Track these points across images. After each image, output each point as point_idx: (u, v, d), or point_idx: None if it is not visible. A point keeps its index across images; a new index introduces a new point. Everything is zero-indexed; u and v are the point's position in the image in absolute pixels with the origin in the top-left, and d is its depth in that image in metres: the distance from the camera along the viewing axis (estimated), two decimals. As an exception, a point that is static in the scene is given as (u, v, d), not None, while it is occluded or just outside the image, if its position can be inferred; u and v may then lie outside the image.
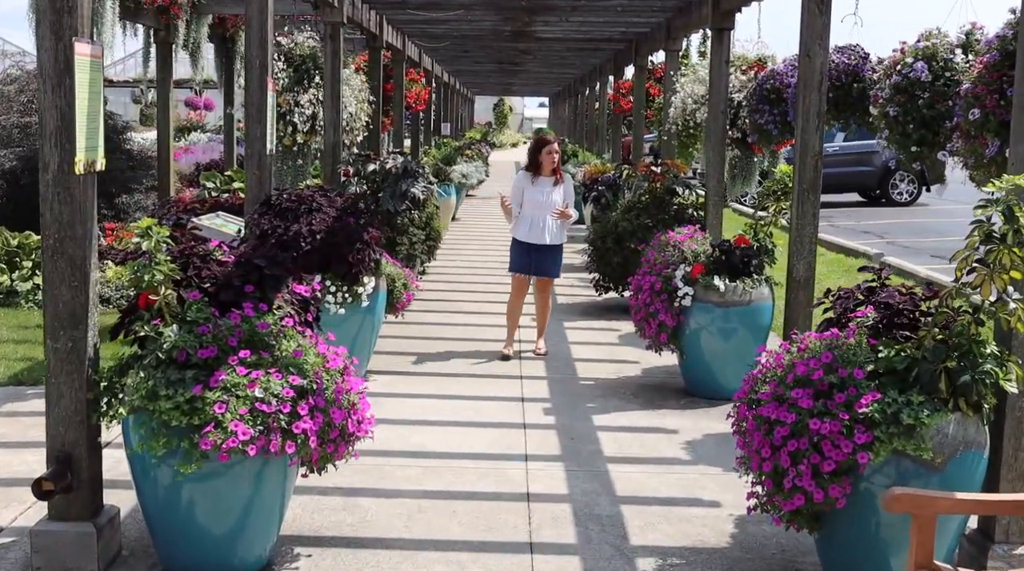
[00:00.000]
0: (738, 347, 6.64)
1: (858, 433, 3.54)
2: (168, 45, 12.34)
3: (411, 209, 9.35)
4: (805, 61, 6.66)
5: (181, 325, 3.74)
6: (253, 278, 3.94)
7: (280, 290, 3.99)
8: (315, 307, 4.22)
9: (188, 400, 3.56)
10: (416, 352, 7.90)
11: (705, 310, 6.59)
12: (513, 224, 7.96)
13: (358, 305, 6.58)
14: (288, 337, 3.91)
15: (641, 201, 9.67)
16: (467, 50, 19.12)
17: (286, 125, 9.82)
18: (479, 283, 11.36)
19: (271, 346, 3.81)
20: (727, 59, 9.14)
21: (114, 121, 13.79)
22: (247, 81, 6.61)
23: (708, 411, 6.47)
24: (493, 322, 9.11)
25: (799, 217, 6.76)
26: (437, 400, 6.58)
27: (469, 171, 18.80)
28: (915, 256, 13.62)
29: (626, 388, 6.99)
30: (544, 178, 7.91)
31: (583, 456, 5.53)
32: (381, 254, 6.91)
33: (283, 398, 3.63)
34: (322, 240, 6.40)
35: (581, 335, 8.70)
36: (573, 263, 12.94)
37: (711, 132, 9.11)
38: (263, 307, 3.90)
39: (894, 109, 5.55)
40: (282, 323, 3.91)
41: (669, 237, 6.97)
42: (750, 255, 6.69)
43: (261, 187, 6.70)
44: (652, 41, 13.60)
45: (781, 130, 8.17)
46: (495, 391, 6.85)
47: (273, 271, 3.96)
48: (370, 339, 6.86)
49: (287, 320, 3.93)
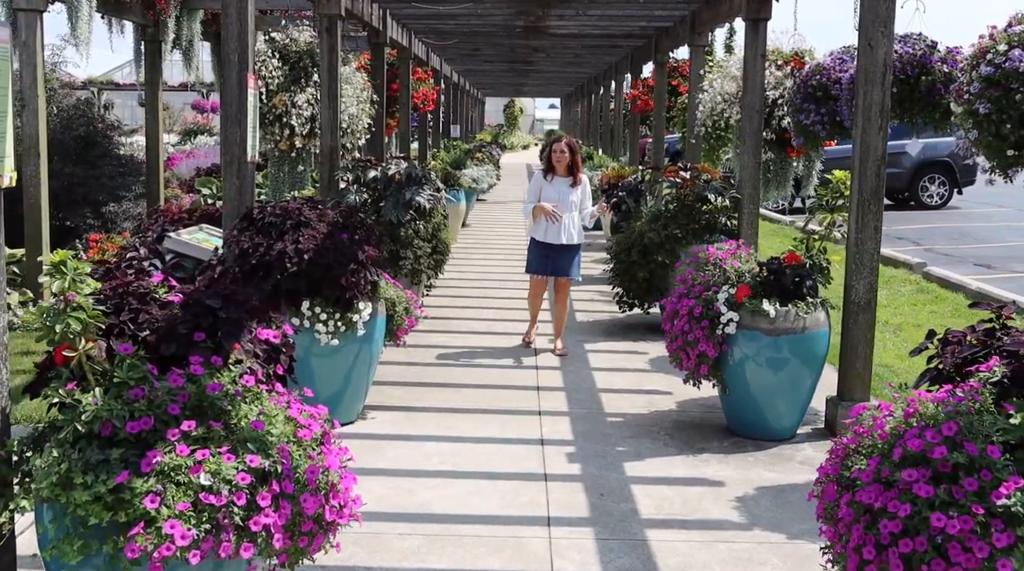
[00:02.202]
0: (789, 380, 5.77)
1: (996, 532, 2.66)
2: (157, 43, 11.54)
3: (416, 219, 8.49)
4: (866, 51, 5.79)
5: (108, 388, 2.89)
6: (205, 323, 3.09)
7: (239, 338, 3.13)
8: (287, 356, 3.36)
9: (112, 490, 2.71)
10: (421, 381, 7.05)
11: (752, 338, 5.71)
12: (531, 225, 8.04)
13: (353, 334, 5.74)
14: (250, 400, 3.05)
15: (668, 209, 8.80)
16: (477, 48, 18.27)
17: (282, 127, 8.99)
18: (491, 297, 10.49)
19: (225, 414, 2.95)
20: (763, 53, 8.27)
21: (103, 124, 12.97)
22: (224, 78, 5.78)
23: (756, 456, 5.59)
24: (507, 344, 8.24)
25: (859, 230, 5.89)
26: (445, 443, 5.72)
27: (480, 175, 17.95)
28: (958, 265, 12.70)
29: (660, 426, 6.12)
30: (560, 178, 8.02)
31: (616, 518, 4.66)
32: (380, 275, 6.05)
33: (237, 486, 2.77)
34: (310, 261, 5.55)
35: (605, 359, 7.82)
36: (592, 274, 12.06)
37: (746, 133, 8.25)
38: (216, 361, 3.05)
39: (985, 106, 4.66)
40: (241, 382, 3.05)
41: (709, 253, 6.09)
42: (803, 275, 5.80)
43: (241, 199, 5.87)
44: (674, 36, 12.72)
45: (830, 131, 7.29)
46: (511, 430, 5.98)
47: (230, 313, 3.11)
48: (367, 372, 6.01)
49: (247, 378, 3.07)
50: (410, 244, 8.40)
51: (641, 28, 13.87)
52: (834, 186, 6.05)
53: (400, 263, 8.30)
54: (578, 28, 14.42)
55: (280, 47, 9.26)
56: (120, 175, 12.62)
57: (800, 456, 5.61)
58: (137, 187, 12.62)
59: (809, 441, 5.88)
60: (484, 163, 20.16)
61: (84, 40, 9.81)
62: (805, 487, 5.08)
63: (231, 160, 5.84)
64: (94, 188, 12.13)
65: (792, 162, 8.66)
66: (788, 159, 8.59)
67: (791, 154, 8.52)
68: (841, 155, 16.15)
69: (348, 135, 9.70)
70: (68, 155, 12.31)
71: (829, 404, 6.12)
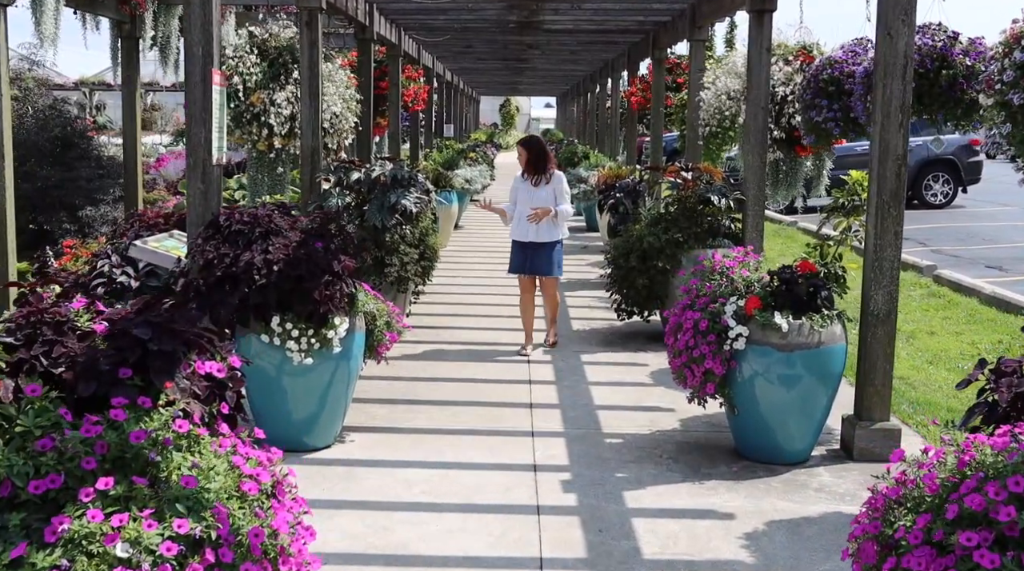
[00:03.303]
0: (803, 400, 5.31)
1: (1077, 611, 2.20)
2: (134, 40, 11.03)
3: (402, 224, 8.01)
4: (885, 41, 5.33)
5: (10, 438, 2.42)
6: (132, 357, 2.62)
7: (173, 374, 2.66)
8: (234, 391, 2.89)
9: (8, 565, 2.24)
10: (405, 398, 6.58)
11: (762, 354, 5.24)
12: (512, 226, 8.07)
13: (328, 352, 5.27)
14: (184, 448, 2.58)
15: (669, 212, 8.34)
16: (469, 45, 17.79)
17: (260, 127, 8.50)
18: (483, 305, 10.03)
19: (153, 466, 2.49)
20: (768, 47, 7.81)
21: (80, 124, 12.50)
22: (187, 74, 5.31)
23: (768, 483, 5.13)
24: (499, 355, 7.78)
25: (877, 236, 5.43)
26: (428, 469, 5.25)
27: (473, 176, 17.44)
28: (969, 267, 12.25)
29: (663, 448, 5.65)
30: (531, 177, 8.01)
31: (616, 559, 4.19)
32: (358, 286, 5.58)
33: (162, 557, 2.30)
34: (281, 272, 5.08)
35: (603, 372, 7.36)
36: (588, 278, 11.61)
37: (751, 132, 7.78)
38: (145, 403, 2.58)
39: (1020, 96, 4.20)
40: (173, 427, 2.58)
41: (715, 261, 5.62)
42: (817, 285, 5.34)
43: (207, 204, 5.40)
44: (673, 31, 12.24)
45: (844, 128, 6.82)
46: (501, 454, 5.52)
47: (163, 345, 2.64)
48: (345, 392, 5.53)
49: (180, 422, 2.60)
50: (396, 250, 7.93)
51: (638, 23, 13.40)
52: (850, 187, 5.60)
53: (385, 270, 7.84)
54: (573, 23, 13.94)
55: (259, 42, 8.79)
56: (99, 177, 12.15)
57: (815, 483, 5.14)
58: (116, 190, 12.14)
59: (824, 465, 5.42)
60: (478, 163, 19.66)
61: (50, 36, 9.33)
62: (822, 520, 4.63)
63: (196, 163, 5.37)
64: (71, 191, 11.66)
65: (803, 161, 8.19)
66: (798, 158, 8.12)
67: (800, 153, 8.05)
68: (847, 153, 15.74)
69: (332, 135, 9.23)
70: (44, 157, 11.84)
71: (845, 424, 5.66)
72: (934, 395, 6.77)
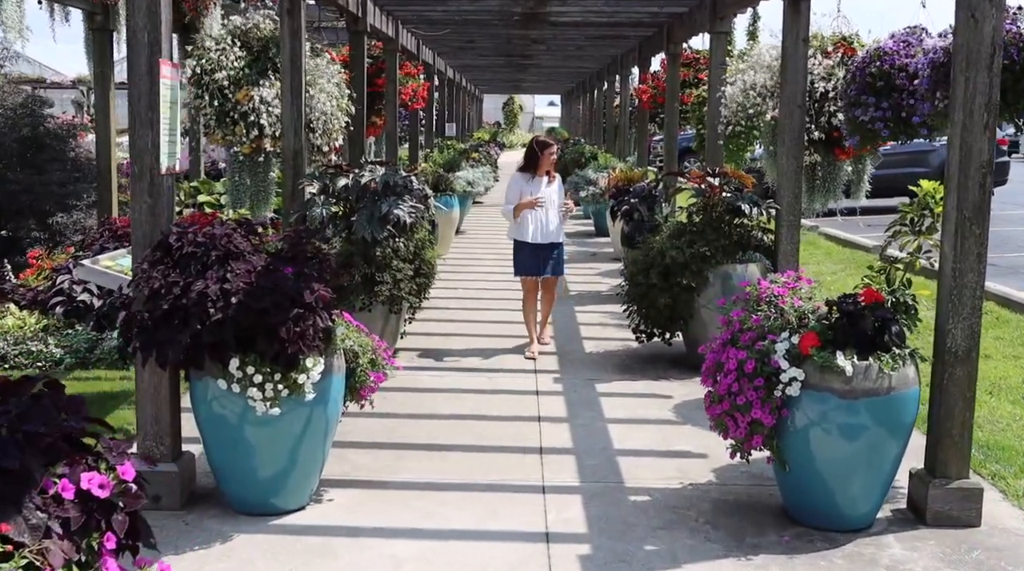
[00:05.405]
0: (868, 455, 4.42)
1: None
2: (107, 32, 10.15)
3: (395, 236, 7.13)
4: (969, 25, 4.44)
5: None
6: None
7: (19, 505, 1.78)
8: (127, 513, 2.01)
9: None
10: (393, 442, 5.70)
11: (821, 401, 4.36)
12: (512, 226, 7.93)
13: (299, 399, 4.39)
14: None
15: (693, 223, 7.46)
16: (471, 39, 16.91)
17: (248, 127, 7.61)
18: (485, 322, 9.14)
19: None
20: (805, 37, 6.95)
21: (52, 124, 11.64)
22: (130, 65, 4.43)
23: (830, 559, 4.24)
24: (504, 383, 6.91)
25: (957, 259, 4.54)
26: (420, 541, 4.37)
27: (475, 178, 16.57)
28: (1009, 277, 11.35)
29: (697, 509, 4.77)
30: (539, 178, 7.93)
31: None
32: (338, 318, 4.71)
33: None
34: (240, 304, 4.21)
35: (621, 406, 6.47)
36: (600, 291, 10.73)
37: (786, 132, 6.92)
38: (-29, 553, 1.71)
39: None
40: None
41: (761, 288, 4.74)
42: (886, 318, 4.45)
43: (154, 221, 4.53)
44: (691, 23, 11.35)
45: (894, 129, 5.93)
46: (508, 518, 4.63)
47: (9, 463, 1.76)
48: (321, 444, 4.65)
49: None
50: (388, 266, 7.05)
51: (652, 15, 12.51)
52: (920, 200, 4.72)
53: (375, 289, 6.96)
54: (581, 15, 13.06)
55: (240, 34, 7.89)
56: (74, 181, 11.29)
57: (886, 558, 4.26)
58: (91, 195, 11.26)
59: (893, 532, 4.54)
60: (481, 164, 18.78)
61: (14, 27, 8.50)
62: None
63: (141, 172, 4.49)
64: (41, 196, 10.81)
65: (843, 165, 7.30)
66: (838, 162, 7.24)
67: (840, 156, 7.17)
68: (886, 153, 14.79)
69: (321, 136, 8.35)
70: (12, 159, 10.98)
71: (915, 480, 4.78)
72: (1004, 435, 5.89)
